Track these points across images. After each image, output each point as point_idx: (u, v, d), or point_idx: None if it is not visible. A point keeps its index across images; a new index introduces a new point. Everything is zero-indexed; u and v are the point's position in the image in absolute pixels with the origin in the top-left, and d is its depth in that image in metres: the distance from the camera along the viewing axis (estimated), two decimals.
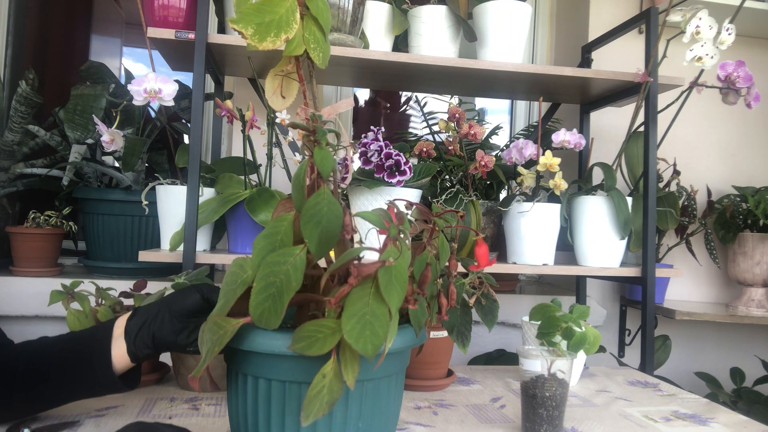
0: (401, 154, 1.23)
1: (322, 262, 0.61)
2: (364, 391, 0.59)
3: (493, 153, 1.69)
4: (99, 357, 0.75)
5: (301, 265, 0.54)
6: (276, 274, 0.53)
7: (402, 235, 0.55)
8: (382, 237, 0.56)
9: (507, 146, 1.63)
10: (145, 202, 1.33)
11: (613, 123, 1.86)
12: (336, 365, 0.52)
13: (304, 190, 0.56)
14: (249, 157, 1.29)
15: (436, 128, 1.70)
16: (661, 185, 1.74)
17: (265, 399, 0.59)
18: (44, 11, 2.14)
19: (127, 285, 1.07)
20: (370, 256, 0.55)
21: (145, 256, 1.22)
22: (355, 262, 0.54)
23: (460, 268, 0.80)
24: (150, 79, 1.19)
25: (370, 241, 1.11)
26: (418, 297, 0.58)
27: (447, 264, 0.69)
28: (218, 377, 1.00)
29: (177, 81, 1.24)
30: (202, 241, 1.31)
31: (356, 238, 1.35)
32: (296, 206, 0.57)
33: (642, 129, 1.42)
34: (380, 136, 1.26)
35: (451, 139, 1.36)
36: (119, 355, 0.75)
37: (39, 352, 0.78)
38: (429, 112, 1.69)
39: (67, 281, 1.02)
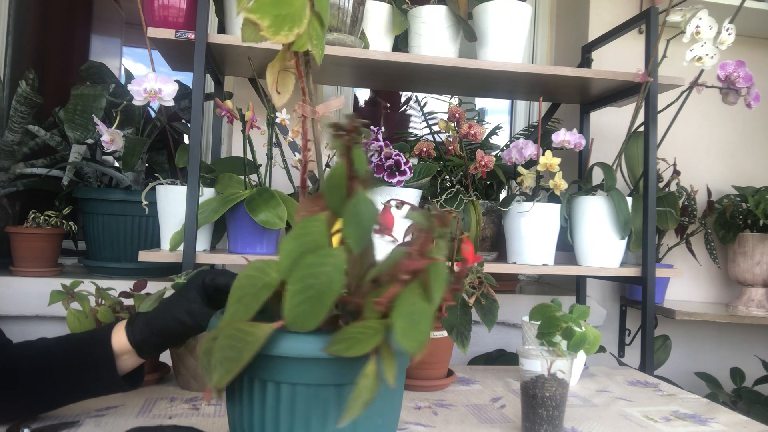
0: (401, 154, 1.23)
1: None
2: None
3: (493, 153, 1.69)
4: (103, 360, 0.76)
5: (341, 267, 0.53)
6: (316, 276, 0.52)
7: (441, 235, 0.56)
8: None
9: (507, 146, 1.63)
10: (145, 202, 1.33)
11: (613, 123, 1.86)
12: (376, 365, 0.52)
13: (343, 190, 0.55)
14: (249, 157, 1.29)
15: (436, 128, 1.70)
16: (661, 185, 1.74)
17: (289, 404, 0.57)
18: (44, 11, 2.14)
19: (127, 285, 1.07)
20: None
21: (145, 256, 1.22)
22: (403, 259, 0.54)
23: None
24: (150, 79, 1.19)
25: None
26: (455, 293, 0.59)
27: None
28: None
29: (177, 81, 1.24)
30: (202, 241, 1.31)
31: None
32: (332, 207, 0.56)
33: (642, 129, 1.42)
34: (380, 136, 1.26)
35: (451, 139, 1.36)
36: (124, 357, 0.77)
37: (42, 354, 0.78)
38: (429, 112, 1.70)
39: (67, 281, 1.02)
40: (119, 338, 0.77)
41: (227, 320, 0.54)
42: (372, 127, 1.28)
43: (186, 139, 1.63)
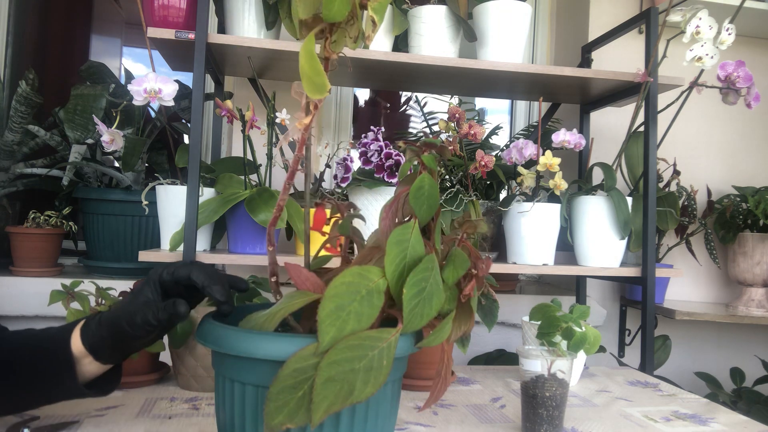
0: (401, 154, 1.23)
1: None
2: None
3: (493, 153, 1.69)
4: (65, 364, 0.68)
5: (438, 272, 0.57)
6: (426, 280, 0.55)
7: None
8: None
9: (507, 146, 1.63)
10: (145, 202, 1.33)
11: (613, 123, 1.86)
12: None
13: (434, 203, 0.59)
14: (249, 157, 1.29)
15: (436, 128, 1.70)
16: (661, 185, 1.74)
17: (375, 405, 0.56)
18: (44, 11, 2.14)
19: (127, 285, 1.07)
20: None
21: (145, 256, 1.22)
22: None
23: None
24: (150, 79, 1.19)
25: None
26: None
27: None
28: None
29: (177, 81, 1.24)
30: (202, 241, 1.31)
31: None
32: (420, 216, 0.58)
33: (642, 129, 1.42)
34: (380, 136, 1.26)
35: (451, 139, 1.36)
36: (85, 361, 0.69)
37: (12, 349, 0.71)
38: (429, 112, 1.70)
39: (67, 281, 1.02)
40: (76, 341, 0.69)
41: (334, 335, 0.50)
42: (372, 127, 1.28)
43: (186, 139, 1.63)
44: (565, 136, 1.39)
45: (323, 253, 0.66)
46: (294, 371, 0.49)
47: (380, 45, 1.42)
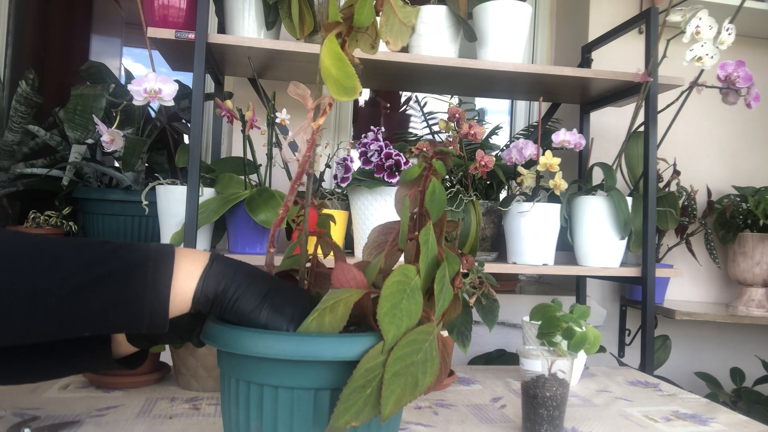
0: (401, 154, 1.23)
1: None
2: None
3: (493, 153, 1.69)
4: (162, 280, 0.54)
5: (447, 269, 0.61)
6: (445, 276, 0.59)
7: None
8: None
9: (507, 146, 1.63)
10: (145, 202, 1.33)
11: (613, 123, 1.86)
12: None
13: (440, 205, 0.62)
14: (249, 157, 1.29)
15: (436, 128, 1.70)
16: (661, 185, 1.74)
17: None
18: (44, 11, 2.14)
19: None
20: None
21: None
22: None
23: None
24: (150, 79, 1.19)
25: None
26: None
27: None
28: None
29: (177, 81, 1.24)
30: (202, 241, 1.31)
31: (358, 241, 1.35)
32: (433, 219, 0.62)
33: (642, 129, 1.43)
34: (380, 136, 1.26)
35: (451, 139, 1.36)
36: (182, 294, 0.55)
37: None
38: (429, 112, 1.70)
39: None
40: (181, 294, 0.54)
41: (394, 333, 0.52)
42: (372, 127, 1.28)
43: (186, 139, 1.63)
44: (565, 136, 1.39)
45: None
46: (366, 371, 0.51)
47: (380, 45, 1.42)
